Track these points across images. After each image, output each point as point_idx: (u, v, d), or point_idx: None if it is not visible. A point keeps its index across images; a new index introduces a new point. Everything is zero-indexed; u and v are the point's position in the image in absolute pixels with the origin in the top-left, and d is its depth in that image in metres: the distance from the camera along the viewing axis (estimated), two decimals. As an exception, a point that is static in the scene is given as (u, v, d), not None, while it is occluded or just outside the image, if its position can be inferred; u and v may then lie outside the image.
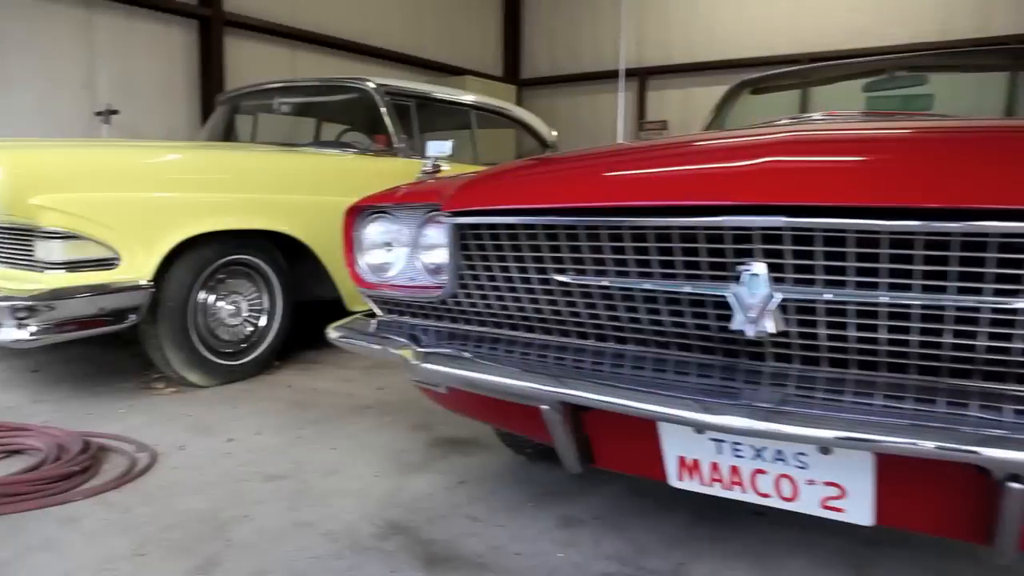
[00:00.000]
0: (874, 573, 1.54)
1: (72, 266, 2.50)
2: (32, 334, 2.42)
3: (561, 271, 1.26)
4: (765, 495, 1.16)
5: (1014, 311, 0.94)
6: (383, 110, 3.78)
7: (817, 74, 3.25)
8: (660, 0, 9.03)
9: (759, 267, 1.04)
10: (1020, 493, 0.89)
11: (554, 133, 4.99)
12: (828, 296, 1.02)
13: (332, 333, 1.67)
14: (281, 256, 3.21)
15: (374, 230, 1.65)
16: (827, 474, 1.10)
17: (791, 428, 0.97)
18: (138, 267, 2.64)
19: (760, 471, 1.14)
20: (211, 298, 2.98)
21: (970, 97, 3.00)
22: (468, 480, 2.02)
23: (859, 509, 1.10)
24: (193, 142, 4.12)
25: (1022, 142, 1.14)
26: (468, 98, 4.43)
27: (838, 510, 1.11)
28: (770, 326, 1.05)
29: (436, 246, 1.51)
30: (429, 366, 1.34)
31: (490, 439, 2.31)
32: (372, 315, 1.73)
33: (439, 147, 2.25)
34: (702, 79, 8.58)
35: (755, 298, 1.04)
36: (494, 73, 9.84)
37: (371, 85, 3.81)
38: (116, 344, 3.63)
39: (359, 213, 1.67)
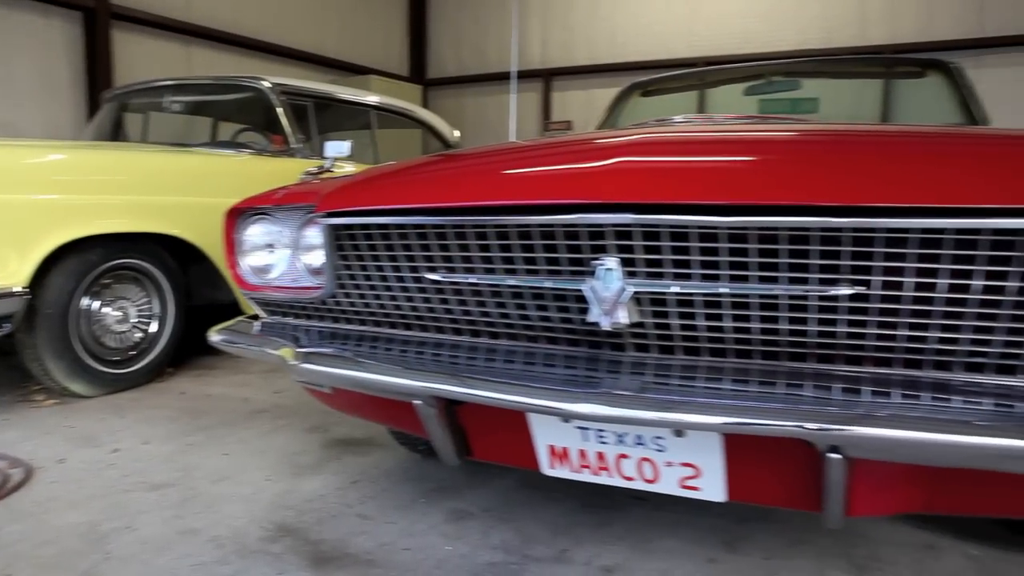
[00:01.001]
0: (742, 547, 1.64)
1: (-65, 273, 2.36)
2: None
3: (432, 269, 1.29)
4: (630, 478, 1.23)
5: (835, 298, 1.03)
6: (279, 110, 3.71)
7: (703, 77, 3.40)
8: (564, 3, 9.21)
9: (612, 262, 1.10)
10: (839, 463, 0.98)
11: (456, 133, 5.02)
12: (676, 288, 1.09)
13: (214, 336, 1.65)
14: (172, 260, 3.11)
15: (255, 232, 1.64)
16: (683, 455, 1.17)
17: (644, 413, 1.04)
18: (10, 273, 2.50)
19: (623, 455, 1.21)
20: (96, 304, 2.86)
21: (851, 101, 3.22)
22: (361, 480, 2.02)
23: (713, 487, 1.18)
24: (75, 141, 3.92)
25: (851, 144, 1.25)
26: (368, 98, 4.40)
27: (695, 489, 1.19)
28: (623, 318, 1.11)
29: (316, 247, 1.52)
30: (308, 366, 1.35)
31: (385, 438, 2.32)
32: (256, 317, 1.72)
33: (337, 148, 2.25)
34: (603, 80, 8.81)
35: (609, 291, 1.11)
36: (400, 73, 9.77)
37: (266, 84, 3.74)
38: (-8, 355, 3.43)
39: (240, 215, 1.65)
